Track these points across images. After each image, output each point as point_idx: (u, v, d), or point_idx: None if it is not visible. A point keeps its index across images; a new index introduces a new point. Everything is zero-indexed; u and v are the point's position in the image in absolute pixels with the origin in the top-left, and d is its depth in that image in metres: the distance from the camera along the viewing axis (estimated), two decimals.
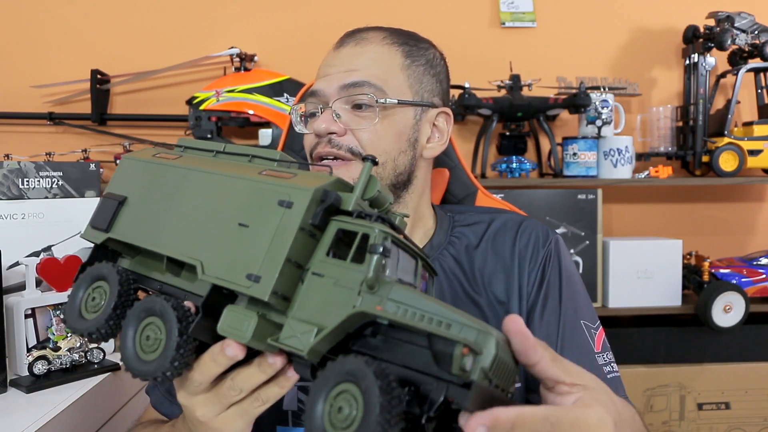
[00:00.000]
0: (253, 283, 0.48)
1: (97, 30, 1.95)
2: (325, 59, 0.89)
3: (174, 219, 0.56)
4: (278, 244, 0.48)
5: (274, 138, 1.81)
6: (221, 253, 0.52)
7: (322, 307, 0.47)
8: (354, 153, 0.83)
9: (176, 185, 0.58)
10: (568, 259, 0.90)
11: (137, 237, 0.58)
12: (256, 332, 0.48)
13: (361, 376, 0.41)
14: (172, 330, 0.51)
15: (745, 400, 1.86)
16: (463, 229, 0.92)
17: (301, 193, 0.50)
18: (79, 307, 0.58)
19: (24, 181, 1.30)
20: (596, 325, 0.86)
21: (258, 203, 0.52)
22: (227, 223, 0.53)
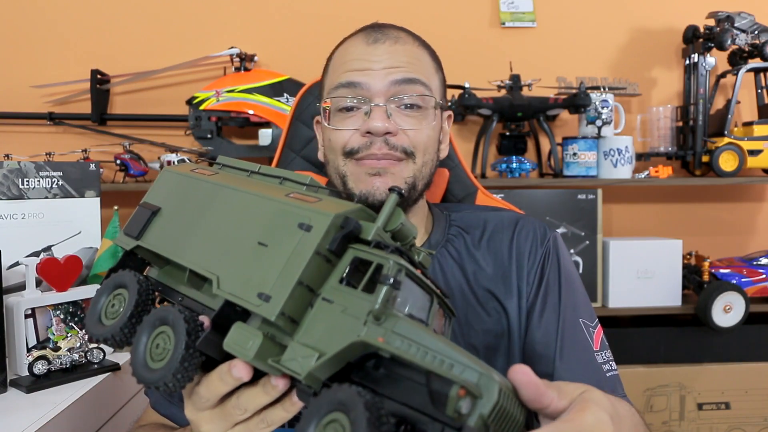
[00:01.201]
0: (263, 302, 0.48)
1: (97, 30, 1.95)
2: (353, 53, 0.85)
3: (200, 233, 0.57)
4: (292, 265, 0.48)
5: (274, 138, 1.81)
6: (238, 269, 0.52)
7: (327, 333, 0.47)
8: (407, 153, 0.83)
9: (207, 200, 0.60)
10: (567, 257, 0.90)
11: (164, 247, 0.59)
12: (259, 351, 0.47)
13: (351, 406, 0.41)
14: (180, 342, 0.51)
15: (745, 400, 1.86)
16: (459, 227, 0.92)
17: (321, 217, 0.49)
18: (99, 312, 0.59)
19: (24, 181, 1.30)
20: (594, 324, 0.86)
21: (279, 224, 0.52)
22: (248, 241, 0.53)
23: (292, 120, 1.13)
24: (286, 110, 1.82)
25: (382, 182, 0.82)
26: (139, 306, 0.57)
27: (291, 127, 1.13)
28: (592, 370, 0.82)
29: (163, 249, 0.59)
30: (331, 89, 0.85)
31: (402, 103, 0.82)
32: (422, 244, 0.90)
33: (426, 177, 0.86)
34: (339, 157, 0.84)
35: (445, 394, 0.41)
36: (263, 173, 0.61)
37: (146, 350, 0.54)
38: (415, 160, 0.83)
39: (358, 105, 0.83)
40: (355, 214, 0.51)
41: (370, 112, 0.81)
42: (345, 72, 0.83)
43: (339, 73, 0.84)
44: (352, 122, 0.83)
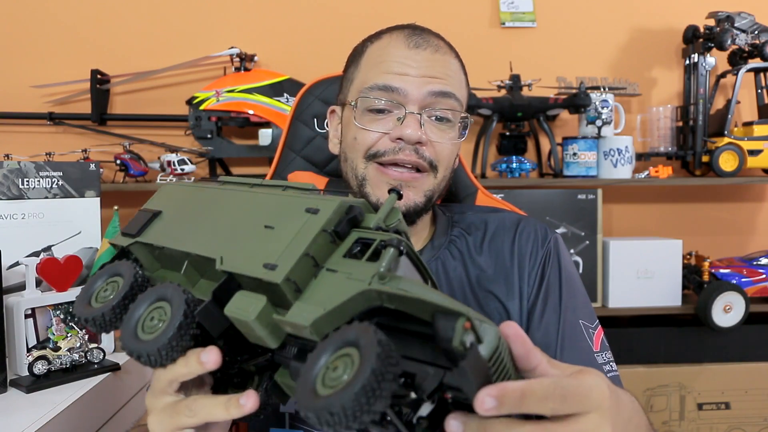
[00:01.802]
0: (269, 270, 0.49)
1: (97, 30, 1.95)
2: (393, 54, 0.82)
3: (203, 226, 0.59)
4: (299, 240, 0.50)
5: (274, 138, 1.81)
6: (243, 249, 0.53)
7: (332, 294, 0.47)
8: (432, 166, 0.82)
9: (211, 202, 0.61)
10: (568, 258, 0.90)
11: (163, 240, 0.59)
12: (261, 313, 0.48)
13: (365, 340, 0.41)
14: (177, 312, 0.52)
15: (745, 400, 1.86)
16: (461, 228, 0.92)
17: (328, 202, 0.52)
18: (90, 296, 0.60)
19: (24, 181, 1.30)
20: (594, 325, 0.86)
21: (285, 210, 0.54)
22: (253, 227, 0.54)
23: (292, 120, 1.13)
24: (286, 110, 1.82)
25: (404, 195, 0.81)
26: (133, 290, 0.57)
27: (291, 127, 1.13)
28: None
29: (161, 241, 0.59)
30: (365, 87, 0.82)
31: (433, 115, 0.82)
32: (425, 245, 0.90)
33: (442, 191, 0.86)
34: (360, 158, 0.83)
35: (451, 326, 0.42)
36: (265, 184, 0.62)
37: (139, 321, 0.54)
38: (437, 174, 0.83)
39: (391, 108, 0.81)
40: (363, 205, 0.53)
41: (403, 119, 0.80)
42: (383, 73, 0.81)
43: (375, 72, 0.82)
44: (381, 125, 0.81)
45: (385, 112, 0.82)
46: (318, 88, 1.12)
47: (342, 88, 0.90)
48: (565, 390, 0.46)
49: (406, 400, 0.45)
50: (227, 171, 1.92)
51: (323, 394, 0.41)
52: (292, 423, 0.82)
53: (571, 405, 0.46)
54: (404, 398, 0.45)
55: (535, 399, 0.44)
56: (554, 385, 0.46)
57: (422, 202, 0.83)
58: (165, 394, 0.55)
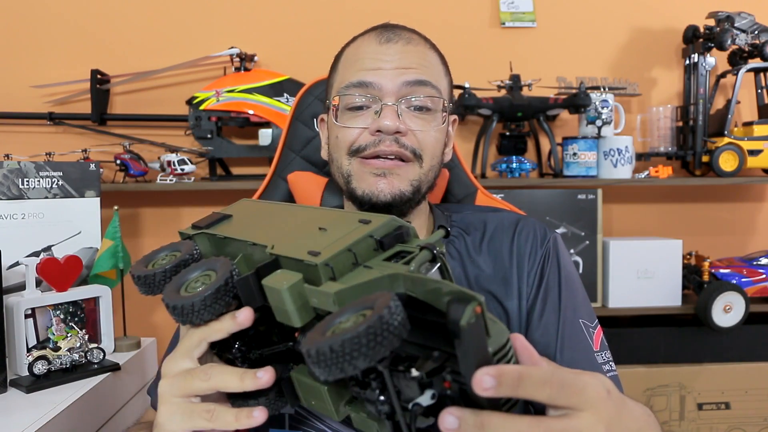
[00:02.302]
0: (312, 256, 0.52)
1: (97, 30, 1.95)
2: (366, 51, 0.85)
3: (263, 226, 0.63)
4: (346, 238, 0.54)
5: (274, 138, 1.81)
6: (293, 241, 0.57)
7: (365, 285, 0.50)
8: (416, 155, 0.83)
9: (276, 213, 0.67)
10: (567, 258, 0.90)
11: (224, 232, 0.64)
12: (294, 285, 0.50)
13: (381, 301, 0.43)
14: (217, 281, 0.55)
15: (745, 400, 1.86)
16: (460, 228, 0.92)
17: (381, 218, 0.57)
18: (148, 261, 0.64)
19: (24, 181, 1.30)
20: (594, 324, 0.86)
21: (341, 219, 0.59)
22: (308, 228, 0.59)
23: (292, 120, 1.13)
24: (286, 110, 1.82)
25: (387, 184, 0.82)
26: (188, 262, 0.62)
27: (291, 127, 1.13)
28: (592, 370, 0.81)
29: (222, 233, 0.64)
30: (341, 87, 0.84)
31: (412, 105, 0.82)
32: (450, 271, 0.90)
33: (430, 181, 0.86)
34: (344, 155, 0.84)
35: (462, 308, 0.43)
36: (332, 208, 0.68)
37: (186, 283, 0.59)
38: (422, 163, 0.84)
39: (368, 104, 0.83)
40: (412, 232, 0.58)
41: (380, 111, 0.81)
42: (356, 71, 0.83)
43: (350, 72, 0.84)
44: (361, 121, 0.83)
45: (363, 108, 0.83)
46: (318, 88, 1.12)
47: (327, 95, 0.92)
48: (563, 379, 0.46)
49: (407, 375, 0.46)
50: (227, 171, 1.92)
51: (328, 336, 0.42)
52: (291, 424, 0.82)
53: (568, 395, 0.46)
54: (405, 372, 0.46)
55: (533, 383, 0.45)
56: (552, 372, 0.46)
57: (409, 191, 0.83)
58: (186, 357, 0.57)
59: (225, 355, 0.61)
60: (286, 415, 0.82)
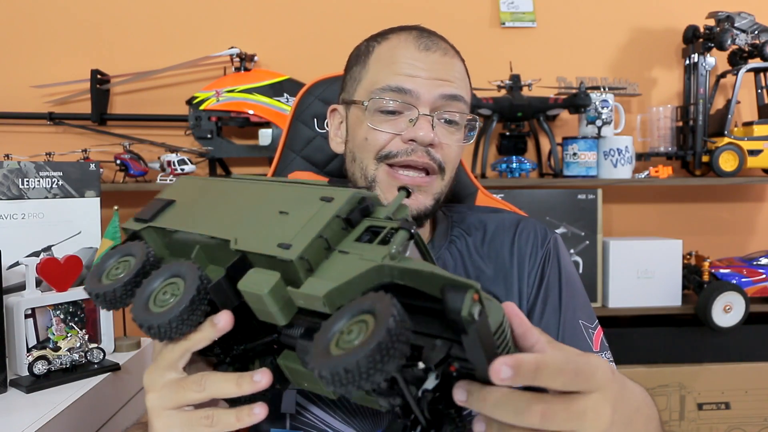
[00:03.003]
0: (283, 249, 0.50)
1: (97, 30, 1.95)
2: (404, 55, 0.82)
3: (215, 213, 0.59)
4: (313, 223, 0.52)
5: (274, 138, 1.81)
6: (257, 232, 0.54)
7: (344, 271, 0.49)
8: (441, 168, 0.83)
9: (223, 192, 0.62)
10: (567, 259, 0.90)
11: (175, 224, 0.60)
12: (274, 287, 0.49)
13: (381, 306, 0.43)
14: (191, 288, 0.52)
15: (745, 400, 1.86)
16: (461, 229, 0.92)
17: (342, 192, 0.54)
18: (101, 273, 0.60)
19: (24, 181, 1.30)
20: (594, 325, 0.86)
21: (300, 199, 0.55)
22: (268, 213, 0.56)
23: (292, 120, 1.13)
24: (286, 110, 1.82)
25: (413, 200, 0.82)
26: (145, 268, 0.58)
27: (291, 127, 1.13)
28: None
29: (174, 225, 0.60)
30: (376, 88, 0.82)
31: (443, 117, 0.82)
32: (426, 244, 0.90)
33: (447, 193, 0.87)
34: (371, 159, 0.83)
35: (460, 298, 0.43)
36: (278, 181, 0.63)
37: (152, 295, 0.55)
38: (444, 176, 0.84)
39: (402, 110, 0.82)
40: (372, 197, 0.55)
41: (415, 121, 0.80)
42: (393, 74, 0.82)
43: (385, 74, 0.82)
44: (393, 126, 0.82)
45: (396, 113, 0.82)
46: (318, 88, 1.12)
47: (345, 87, 0.89)
48: (577, 366, 0.47)
49: (414, 370, 0.46)
50: (227, 171, 1.92)
51: (337, 354, 0.42)
52: (292, 423, 0.82)
53: (581, 381, 0.48)
54: (413, 368, 0.46)
55: (549, 372, 0.46)
56: (566, 359, 0.47)
57: (431, 205, 0.84)
58: (171, 369, 0.55)
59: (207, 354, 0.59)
60: (287, 414, 0.82)
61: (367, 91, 0.84)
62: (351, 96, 0.87)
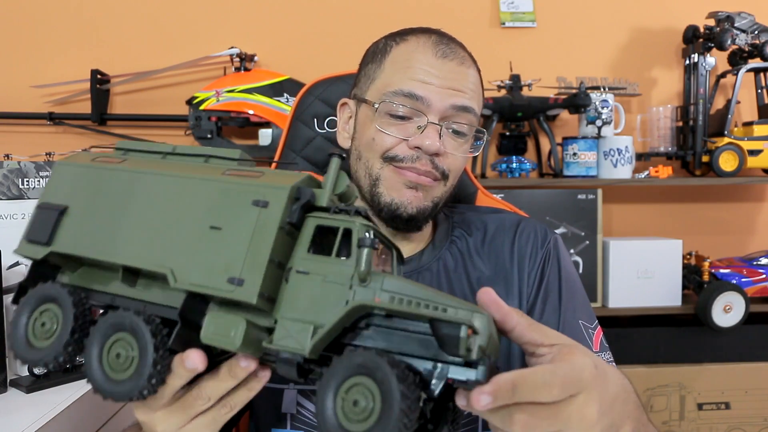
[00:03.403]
0: (237, 286, 0.46)
1: (97, 30, 1.95)
2: (420, 60, 0.82)
3: (130, 226, 0.52)
4: (258, 244, 0.47)
5: (274, 138, 1.81)
6: (193, 258, 0.48)
7: (314, 304, 0.47)
8: (444, 176, 0.83)
9: (127, 190, 0.53)
10: (567, 259, 0.90)
11: (88, 249, 0.52)
12: (245, 338, 0.46)
13: (375, 367, 0.42)
14: (147, 345, 0.48)
15: (745, 400, 1.86)
16: (462, 229, 0.92)
17: (276, 191, 0.48)
18: (26, 335, 0.52)
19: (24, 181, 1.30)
20: (594, 325, 0.86)
21: (229, 204, 0.49)
22: (196, 227, 0.49)
23: (292, 120, 1.13)
24: (286, 110, 1.82)
25: (415, 197, 0.82)
26: (79, 318, 0.51)
27: (291, 127, 1.13)
28: None
29: (87, 251, 0.52)
30: (389, 91, 0.82)
31: (451, 127, 0.82)
32: (426, 245, 0.90)
33: (448, 199, 0.87)
34: (377, 158, 0.82)
35: (455, 336, 0.43)
36: (180, 153, 0.56)
37: (103, 363, 0.49)
38: (446, 183, 0.84)
39: (412, 116, 0.81)
40: (306, 183, 0.50)
41: (424, 128, 0.80)
42: (407, 79, 0.81)
43: (399, 77, 0.82)
44: (400, 130, 0.81)
45: (405, 118, 0.81)
46: (318, 88, 1.12)
47: (358, 83, 0.89)
48: (564, 377, 0.48)
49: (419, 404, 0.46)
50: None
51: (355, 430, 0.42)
52: (293, 423, 0.82)
53: (568, 389, 0.48)
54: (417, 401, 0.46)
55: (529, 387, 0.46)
56: (551, 372, 0.48)
57: (429, 207, 0.84)
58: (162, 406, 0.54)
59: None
60: (288, 414, 0.82)
61: (379, 93, 0.83)
62: (363, 94, 0.86)
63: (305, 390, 0.81)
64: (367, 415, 0.42)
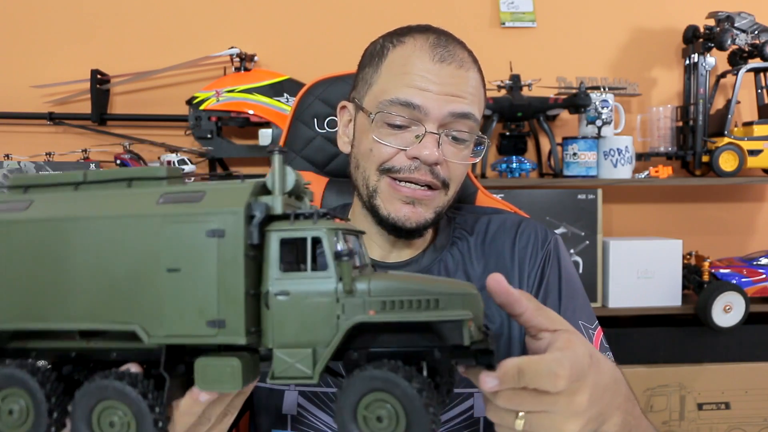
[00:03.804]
0: (219, 329, 0.44)
1: (97, 30, 1.95)
2: (417, 66, 0.79)
3: (71, 285, 0.46)
4: (228, 279, 0.44)
5: (274, 138, 1.81)
6: (159, 308, 0.45)
7: (304, 326, 0.45)
8: (444, 184, 0.81)
9: (50, 245, 0.46)
10: (568, 260, 0.90)
11: (30, 319, 0.47)
12: (244, 377, 0.45)
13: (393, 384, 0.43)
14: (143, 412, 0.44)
15: (745, 400, 1.85)
16: (463, 230, 0.92)
17: (229, 216, 0.44)
18: None
19: None
20: (594, 326, 0.86)
21: (180, 241, 0.44)
22: (150, 273, 0.45)
23: (292, 120, 1.13)
24: (286, 110, 1.82)
25: (413, 212, 0.81)
26: (51, 398, 0.46)
27: (291, 127, 1.13)
28: None
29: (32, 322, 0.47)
30: (385, 100, 0.79)
31: (451, 135, 0.81)
32: (427, 246, 0.90)
33: (449, 206, 0.86)
34: (373, 170, 0.81)
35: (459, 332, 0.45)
36: (95, 180, 0.49)
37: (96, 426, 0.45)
38: (448, 191, 0.83)
39: (409, 125, 0.79)
40: (255, 193, 0.47)
41: (422, 138, 0.78)
42: (404, 86, 0.79)
43: (396, 84, 0.80)
44: (398, 140, 0.80)
45: (402, 127, 0.80)
46: (318, 88, 1.12)
47: (356, 87, 0.87)
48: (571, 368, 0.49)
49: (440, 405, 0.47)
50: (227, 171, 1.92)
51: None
52: (293, 425, 0.82)
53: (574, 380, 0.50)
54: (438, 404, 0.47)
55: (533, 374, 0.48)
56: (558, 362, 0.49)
57: (432, 218, 0.83)
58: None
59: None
60: (289, 416, 0.82)
61: (376, 100, 0.81)
62: (361, 100, 0.85)
63: (306, 392, 0.81)
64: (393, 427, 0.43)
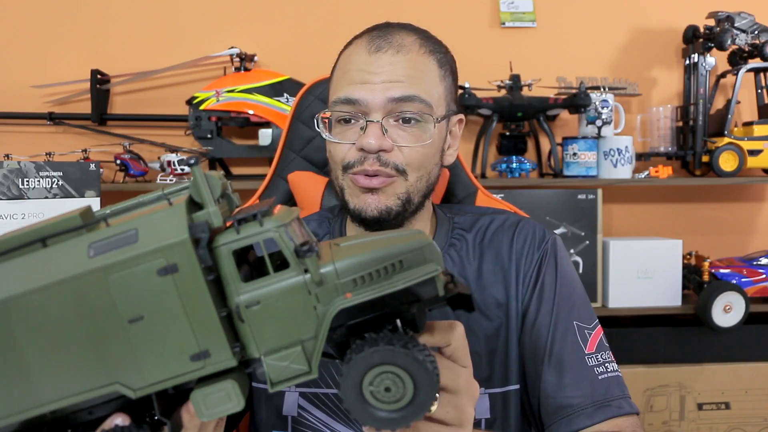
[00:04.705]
0: (206, 359, 0.44)
1: (97, 30, 1.95)
2: (355, 62, 0.82)
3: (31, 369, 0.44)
4: (198, 310, 0.43)
5: (274, 138, 1.81)
6: (135, 360, 0.43)
7: (284, 326, 0.45)
8: (399, 170, 0.81)
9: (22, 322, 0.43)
10: (566, 260, 0.90)
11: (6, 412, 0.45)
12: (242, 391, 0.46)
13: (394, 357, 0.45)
14: None
15: (745, 400, 1.85)
16: (462, 230, 0.92)
17: (175, 249, 0.42)
18: None
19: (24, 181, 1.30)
20: (592, 326, 0.86)
21: (132, 288, 0.43)
22: (112, 329, 0.43)
23: (292, 120, 1.13)
24: (286, 110, 1.82)
25: (375, 199, 0.81)
26: None
27: (291, 127, 1.13)
28: (582, 372, 0.81)
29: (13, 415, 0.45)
30: (332, 101, 0.84)
31: (399, 119, 0.81)
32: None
33: (422, 189, 0.84)
34: (339, 170, 0.83)
35: (433, 285, 0.48)
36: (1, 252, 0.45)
37: None
38: (407, 177, 0.82)
39: (355, 118, 0.81)
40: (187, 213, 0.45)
41: (365, 129, 0.79)
42: (345, 84, 0.81)
43: (340, 84, 0.83)
44: (350, 135, 0.82)
45: (351, 121, 0.82)
46: (318, 88, 1.12)
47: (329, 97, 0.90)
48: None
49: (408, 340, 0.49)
50: (227, 171, 1.92)
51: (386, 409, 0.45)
52: (294, 426, 0.82)
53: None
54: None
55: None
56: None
57: (397, 205, 0.82)
58: None
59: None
60: (289, 417, 0.82)
61: (328, 105, 0.85)
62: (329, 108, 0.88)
63: (306, 393, 0.81)
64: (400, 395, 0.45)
